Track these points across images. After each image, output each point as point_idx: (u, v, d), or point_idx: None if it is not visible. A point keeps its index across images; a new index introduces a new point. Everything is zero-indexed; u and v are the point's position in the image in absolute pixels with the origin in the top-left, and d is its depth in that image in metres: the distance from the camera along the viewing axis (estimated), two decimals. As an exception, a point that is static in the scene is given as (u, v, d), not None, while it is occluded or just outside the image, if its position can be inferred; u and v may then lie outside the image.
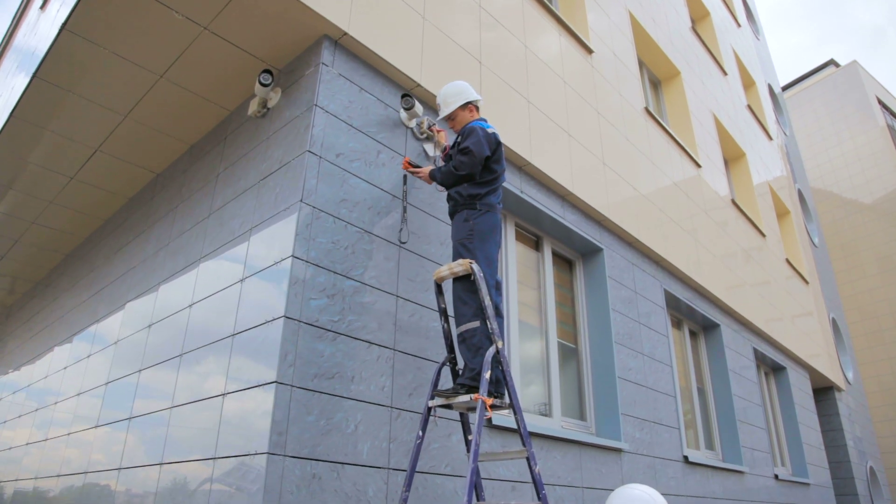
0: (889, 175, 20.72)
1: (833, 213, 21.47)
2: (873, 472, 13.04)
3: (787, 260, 10.69)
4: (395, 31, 3.85)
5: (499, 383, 2.85)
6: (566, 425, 4.69)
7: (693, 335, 7.39)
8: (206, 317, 3.52)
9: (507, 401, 2.86)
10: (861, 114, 21.74)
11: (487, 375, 2.66)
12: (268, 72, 3.60)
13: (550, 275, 5.12)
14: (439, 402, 2.86)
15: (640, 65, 8.02)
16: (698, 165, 8.05)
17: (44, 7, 4.79)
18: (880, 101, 22.25)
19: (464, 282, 2.96)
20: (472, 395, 2.69)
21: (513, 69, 4.91)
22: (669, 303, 6.65)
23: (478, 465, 2.75)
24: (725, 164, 9.87)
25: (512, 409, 2.83)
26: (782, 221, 11.89)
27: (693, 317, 7.21)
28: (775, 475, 7.71)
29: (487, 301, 2.84)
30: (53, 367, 5.74)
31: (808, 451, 9.19)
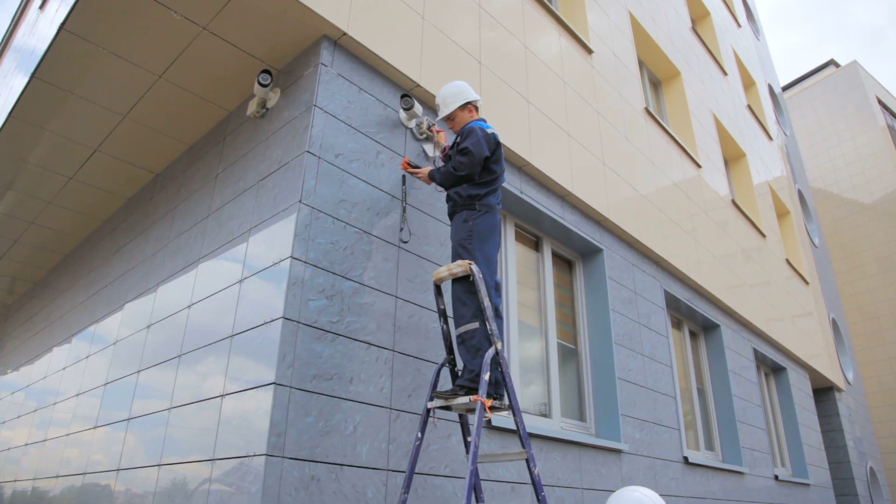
0: (889, 175, 20.71)
1: (833, 213, 21.47)
2: (873, 473, 13.03)
3: (787, 260, 10.68)
4: (395, 31, 3.84)
5: (498, 385, 2.84)
6: (566, 426, 4.69)
7: (693, 336, 7.38)
8: (205, 317, 3.51)
9: (506, 402, 2.85)
10: (861, 114, 21.74)
11: (487, 377, 2.65)
12: (267, 72, 3.59)
13: (550, 275, 5.11)
14: (438, 403, 2.85)
15: (640, 65, 8.01)
16: (698, 165, 8.04)
17: (43, 7, 4.78)
18: (880, 102, 22.24)
19: (463, 283, 2.95)
20: (472, 397, 2.69)
21: (512, 69, 4.90)
22: (669, 303, 6.64)
23: (477, 466, 2.74)
24: (725, 165, 9.87)
25: (511, 411, 2.82)
26: (782, 221, 11.88)
27: (693, 317, 7.20)
28: (775, 476, 7.70)
29: (487, 302, 2.84)
30: (52, 367, 5.73)
31: (808, 451, 9.19)
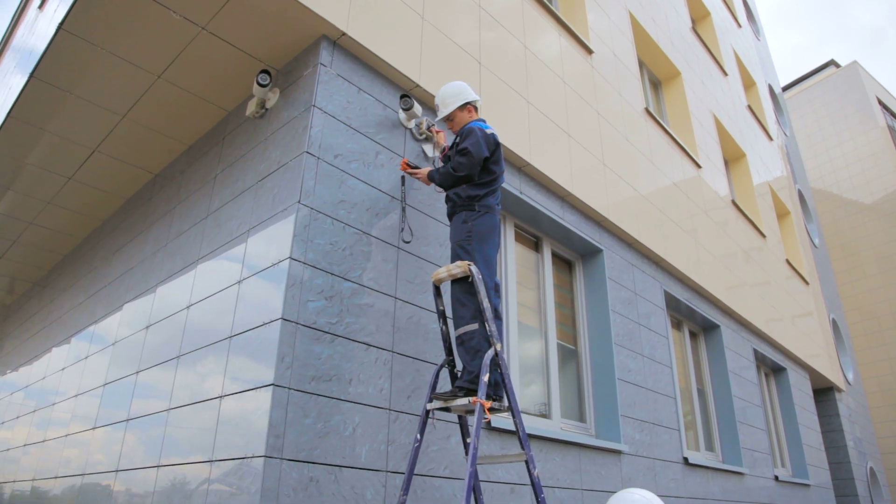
0: (889, 175, 20.71)
1: (833, 213, 21.46)
2: (873, 473, 13.03)
3: (787, 260, 10.67)
4: (394, 31, 3.83)
5: (497, 386, 2.83)
6: (566, 427, 4.68)
7: (693, 336, 7.37)
8: (204, 318, 3.51)
9: (505, 404, 2.84)
10: (861, 114, 21.73)
11: (486, 378, 2.64)
12: (266, 72, 3.58)
13: (550, 276, 5.10)
14: (437, 405, 2.84)
15: (640, 65, 8.00)
16: (698, 166, 8.03)
17: (42, 7, 4.77)
18: (880, 102, 22.24)
19: (462, 284, 2.94)
20: (471, 399, 2.68)
21: (512, 69, 4.89)
22: (669, 304, 6.63)
23: (476, 468, 2.73)
24: (725, 165, 9.86)
25: (511, 413, 2.81)
26: (782, 222, 11.87)
27: (693, 318, 7.20)
28: (775, 476, 7.70)
29: (486, 303, 2.83)
30: (51, 367, 5.72)
31: (808, 451, 9.18)
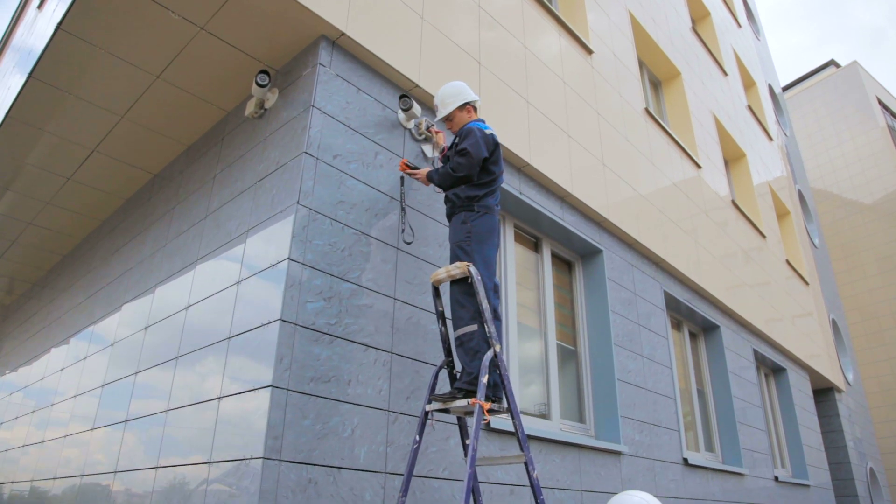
0: (889, 175, 20.70)
1: (833, 213, 21.46)
2: (873, 474, 13.02)
3: (787, 261, 10.66)
4: (394, 31, 3.82)
5: (497, 387, 2.83)
6: (565, 428, 4.67)
7: (693, 336, 7.36)
8: (203, 319, 3.50)
9: (504, 405, 2.83)
10: (861, 114, 21.73)
11: (485, 380, 2.64)
12: (265, 72, 3.58)
13: (549, 276, 5.09)
14: (436, 406, 2.83)
15: (640, 65, 8.00)
16: (698, 166, 8.02)
17: (41, 6, 4.76)
18: (880, 102, 22.23)
19: (461, 285, 2.93)
20: (470, 400, 2.67)
21: (512, 70, 4.88)
22: (669, 304, 6.62)
23: (475, 469, 2.72)
24: (725, 165, 9.85)
25: (510, 414, 2.80)
26: (782, 222, 11.86)
27: (693, 318, 7.19)
28: (775, 477, 7.69)
29: (485, 304, 2.82)
30: (50, 368, 5.71)
31: (808, 452, 9.17)
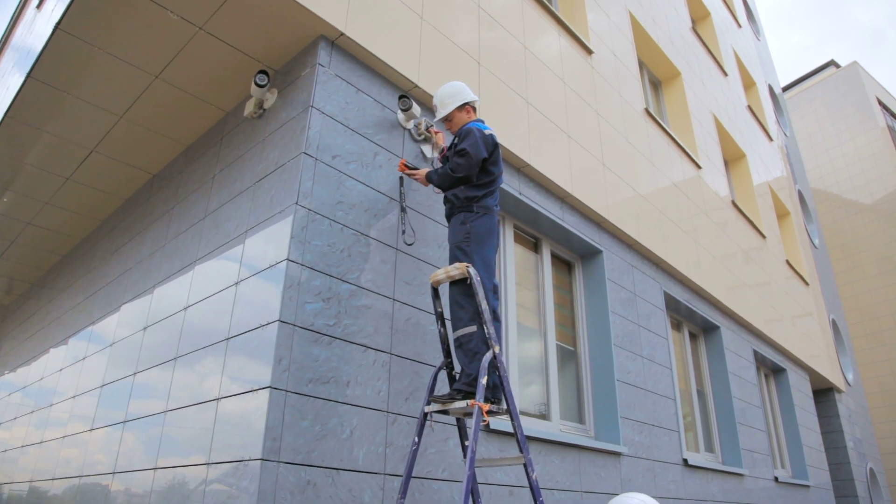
0: (889, 176, 20.70)
1: (833, 213, 21.45)
2: (873, 474, 13.01)
3: (787, 261, 10.66)
4: (393, 31, 3.81)
5: (496, 389, 2.82)
6: (565, 429, 4.66)
7: (693, 337, 7.36)
8: (201, 320, 3.49)
9: (504, 407, 2.82)
10: (861, 114, 21.73)
11: (484, 381, 2.63)
12: (264, 72, 3.57)
13: (549, 277, 5.08)
14: (435, 407, 2.83)
15: (640, 65, 7.99)
16: (698, 166, 8.01)
17: (40, 6, 4.75)
18: (880, 102, 22.23)
19: (460, 286, 2.92)
20: (469, 402, 2.66)
21: (512, 70, 4.87)
22: (669, 305, 6.61)
23: (475, 471, 2.72)
24: (725, 165, 9.84)
25: (509, 415, 2.79)
26: (782, 222, 11.86)
27: (693, 318, 7.18)
28: (775, 477, 7.68)
29: (484, 305, 2.81)
30: (49, 368, 5.70)
31: (808, 452, 9.16)
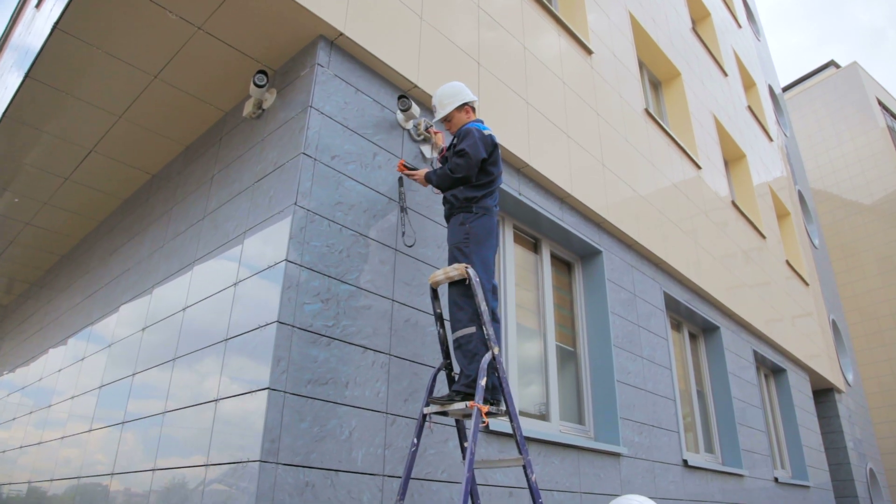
0: (889, 176, 20.69)
1: (833, 214, 21.45)
2: (873, 474, 13.01)
3: (787, 261, 10.65)
4: (392, 31, 3.81)
5: (495, 390, 2.81)
6: (564, 430, 4.65)
7: (693, 337, 7.35)
8: (200, 320, 3.48)
9: (503, 408, 2.82)
10: (861, 115, 21.72)
11: (483, 382, 2.62)
12: (262, 73, 3.56)
13: (549, 277, 5.08)
14: (434, 409, 2.82)
15: (640, 66, 7.98)
16: (698, 167, 8.00)
17: (39, 6, 4.74)
18: (880, 103, 22.22)
19: (459, 286, 2.91)
20: (468, 403, 2.65)
21: (511, 70, 4.86)
22: (669, 305, 6.60)
23: (474, 472, 2.71)
24: (725, 165, 9.83)
25: (508, 417, 2.79)
26: (782, 222, 11.85)
27: (693, 319, 7.17)
28: (775, 478, 7.67)
29: (483, 306, 2.80)
30: (48, 368, 5.69)
31: (808, 453, 9.15)
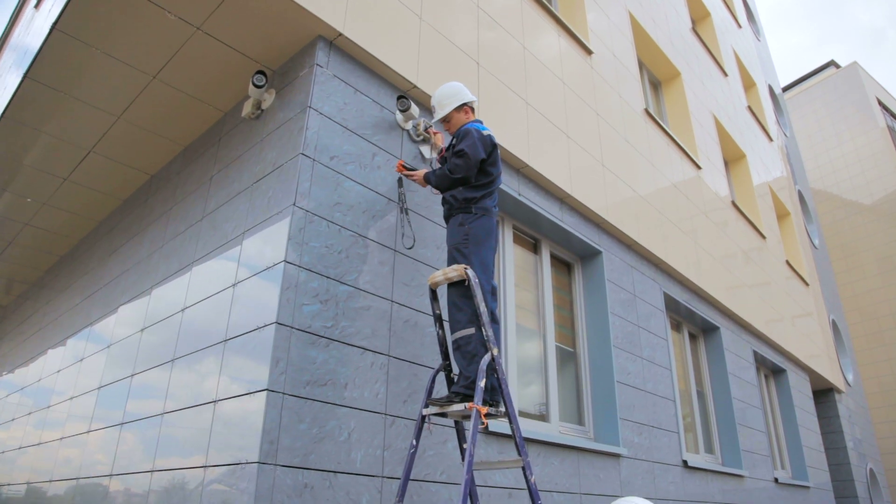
0: (889, 176, 20.68)
1: (833, 214, 21.44)
2: (873, 474, 13.00)
3: (787, 261, 10.64)
4: (392, 31, 3.80)
5: (494, 391, 2.80)
6: (564, 430, 4.65)
7: (693, 338, 7.34)
8: (198, 321, 3.47)
9: (502, 409, 2.81)
10: (861, 115, 21.71)
11: (482, 384, 2.61)
12: (261, 73, 3.55)
13: (549, 278, 5.07)
14: (434, 410, 2.81)
15: (639, 66, 7.97)
16: (698, 167, 8.00)
17: (38, 6, 4.74)
18: (880, 103, 22.21)
19: (459, 287, 2.91)
20: (467, 404, 2.65)
21: (511, 70, 4.85)
22: (669, 305, 6.60)
23: (473, 474, 2.70)
24: (725, 166, 9.82)
25: (508, 418, 2.78)
26: (782, 223, 11.84)
27: (692, 319, 7.16)
28: (775, 478, 7.66)
29: (483, 307, 2.79)
30: (48, 369, 5.69)
31: (808, 453, 9.15)
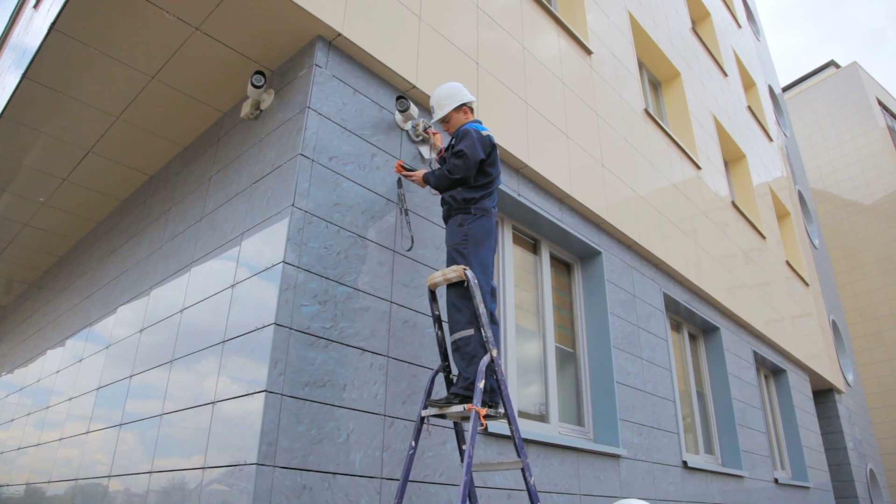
0: (889, 176, 20.68)
1: (833, 214, 21.44)
2: (873, 475, 12.99)
3: (787, 261, 10.64)
4: (391, 32, 3.79)
5: (493, 392, 2.80)
6: (564, 431, 4.64)
7: (692, 338, 7.33)
8: (197, 322, 3.47)
9: (501, 410, 2.80)
10: (861, 115, 21.71)
11: (481, 385, 2.61)
12: (260, 73, 3.54)
13: (548, 278, 5.06)
14: (433, 411, 2.80)
15: (639, 66, 7.96)
16: (698, 167, 7.99)
17: (37, 6, 4.73)
18: (880, 103, 22.21)
19: (458, 288, 2.90)
20: (466, 406, 2.64)
21: (511, 70, 4.85)
22: (668, 306, 6.59)
23: (472, 475, 2.69)
24: (725, 166, 9.82)
25: (507, 419, 2.77)
26: (782, 223, 11.83)
27: (692, 320, 7.16)
28: (775, 479, 7.66)
29: (482, 308, 2.79)
30: (47, 369, 5.68)
31: (808, 454, 9.14)
